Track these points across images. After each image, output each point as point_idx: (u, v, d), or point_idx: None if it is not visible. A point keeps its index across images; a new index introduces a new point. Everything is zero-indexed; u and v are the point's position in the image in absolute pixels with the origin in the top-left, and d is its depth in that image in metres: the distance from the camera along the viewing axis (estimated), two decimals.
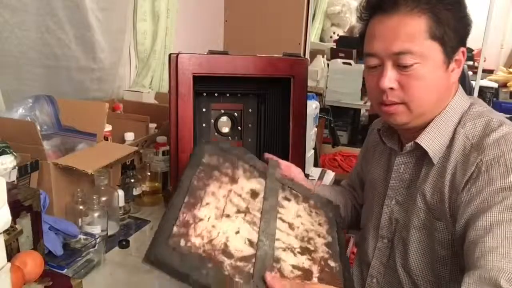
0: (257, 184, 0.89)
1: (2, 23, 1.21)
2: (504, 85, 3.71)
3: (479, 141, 0.79)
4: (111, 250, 1.06)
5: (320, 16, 3.92)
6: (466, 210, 0.76)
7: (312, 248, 0.80)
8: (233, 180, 0.87)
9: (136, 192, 1.28)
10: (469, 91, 3.05)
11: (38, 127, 1.04)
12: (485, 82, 3.70)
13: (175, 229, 0.67)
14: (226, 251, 0.68)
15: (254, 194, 0.86)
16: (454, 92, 0.86)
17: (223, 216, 0.75)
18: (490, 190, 0.74)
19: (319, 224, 0.89)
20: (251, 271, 0.67)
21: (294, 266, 0.73)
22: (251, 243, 0.72)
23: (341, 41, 3.51)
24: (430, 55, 0.78)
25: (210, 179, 0.83)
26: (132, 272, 0.99)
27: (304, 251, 0.78)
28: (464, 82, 3.01)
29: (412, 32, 0.77)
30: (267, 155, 1.02)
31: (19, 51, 1.29)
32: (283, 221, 0.83)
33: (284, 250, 0.76)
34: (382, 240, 0.95)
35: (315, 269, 0.75)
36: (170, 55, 1.13)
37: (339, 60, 2.79)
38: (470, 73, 3.46)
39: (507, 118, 0.85)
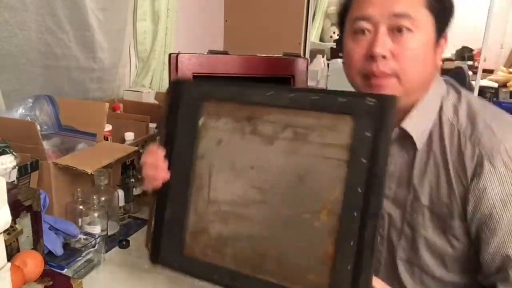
0: None
1: (2, 23, 1.21)
2: (504, 85, 3.70)
3: (469, 128, 0.78)
4: (111, 250, 1.06)
5: (320, 16, 3.91)
6: (477, 211, 0.77)
7: None
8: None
9: (136, 192, 1.28)
10: (469, 91, 3.03)
11: (38, 127, 1.04)
12: (485, 82, 3.68)
13: None
14: None
15: None
16: (434, 78, 0.85)
17: None
18: (502, 190, 0.74)
19: None
20: None
21: None
22: None
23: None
24: (424, 26, 0.77)
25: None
26: (132, 272, 0.99)
27: None
28: (464, 82, 3.00)
29: None
30: None
31: (19, 51, 1.29)
32: None
33: None
34: None
35: None
36: (170, 55, 1.13)
37: (339, 60, 2.77)
38: (470, 73, 3.45)
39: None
